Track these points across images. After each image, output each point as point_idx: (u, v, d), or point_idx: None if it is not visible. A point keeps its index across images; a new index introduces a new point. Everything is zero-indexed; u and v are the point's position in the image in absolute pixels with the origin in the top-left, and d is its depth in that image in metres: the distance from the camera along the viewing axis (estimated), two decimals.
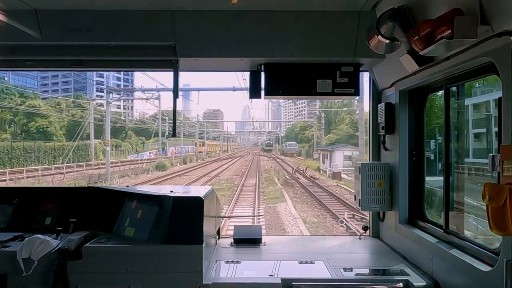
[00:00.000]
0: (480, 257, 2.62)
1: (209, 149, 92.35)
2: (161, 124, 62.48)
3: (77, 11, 3.58)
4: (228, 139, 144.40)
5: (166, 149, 70.09)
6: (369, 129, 4.44)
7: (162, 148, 68.32)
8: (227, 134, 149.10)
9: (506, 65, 2.20)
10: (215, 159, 76.32)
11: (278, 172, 42.76)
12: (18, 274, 2.90)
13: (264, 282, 3.04)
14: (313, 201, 23.54)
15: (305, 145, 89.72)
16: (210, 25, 3.62)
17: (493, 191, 2.14)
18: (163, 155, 64.61)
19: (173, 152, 70.93)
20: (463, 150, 3.94)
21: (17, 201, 3.68)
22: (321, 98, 6.62)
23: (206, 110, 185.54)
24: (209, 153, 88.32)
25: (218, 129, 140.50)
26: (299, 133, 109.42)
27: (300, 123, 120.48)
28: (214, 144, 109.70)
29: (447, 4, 2.46)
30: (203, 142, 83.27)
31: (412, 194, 3.75)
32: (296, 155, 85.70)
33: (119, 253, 3.06)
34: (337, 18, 3.60)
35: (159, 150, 68.63)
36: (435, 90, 3.49)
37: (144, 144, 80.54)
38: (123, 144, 71.51)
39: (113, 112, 77.67)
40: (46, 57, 3.81)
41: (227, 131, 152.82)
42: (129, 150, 69.99)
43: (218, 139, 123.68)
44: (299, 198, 24.88)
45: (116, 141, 68.59)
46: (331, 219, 18.29)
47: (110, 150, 43.19)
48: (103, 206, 3.58)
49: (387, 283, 3.07)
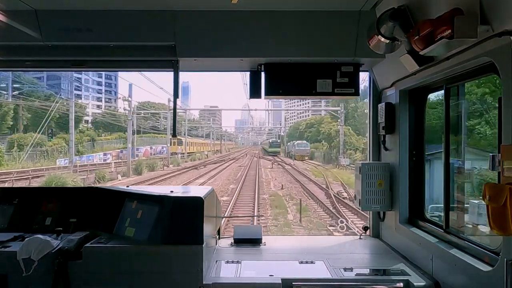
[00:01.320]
0: (481, 257, 2.62)
1: (193, 149, 73.07)
2: (132, 116, 42.57)
3: (77, 11, 3.58)
4: (223, 137, 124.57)
5: (134, 149, 49.38)
6: (369, 129, 4.44)
7: (132, 147, 43.94)
8: (224, 132, 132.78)
9: (506, 65, 2.20)
10: (197, 163, 52.55)
11: (292, 197, 23.35)
12: (18, 274, 2.90)
13: (264, 282, 3.04)
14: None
15: (321, 146, 68.73)
16: (210, 25, 3.62)
17: (493, 191, 2.14)
18: (132, 156, 41.13)
19: (146, 153, 58.72)
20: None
21: (17, 201, 3.68)
22: (321, 98, 6.59)
23: (203, 107, 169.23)
24: (193, 155, 66.76)
25: (215, 127, 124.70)
26: (305, 131, 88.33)
27: (310, 119, 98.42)
28: (201, 143, 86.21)
29: (447, 4, 2.46)
30: (180, 139, 62.31)
31: (412, 194, 3.75)
32: (308, 158, 63.08)
33: (120, 253, 3.06)
34: (337, 18, 3.60)
35: (122, 151, 51.72)
36: (435, 90, 3.49)
37: (96, 143, 59.56)
38: (53, 142, 48.95)
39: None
40: (46, 57, 3.81)
41: (220, 128, 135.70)
42: (63, 151, 45.74)
43: (211, 137, 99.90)
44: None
45: (61, 137, 49.00)
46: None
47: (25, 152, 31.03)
48: (103, 206, 3.59)
49: (387, 283, 3.07)
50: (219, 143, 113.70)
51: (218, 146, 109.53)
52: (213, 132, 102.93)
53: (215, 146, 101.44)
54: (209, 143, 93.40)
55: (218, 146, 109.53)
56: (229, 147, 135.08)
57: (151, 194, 3.50)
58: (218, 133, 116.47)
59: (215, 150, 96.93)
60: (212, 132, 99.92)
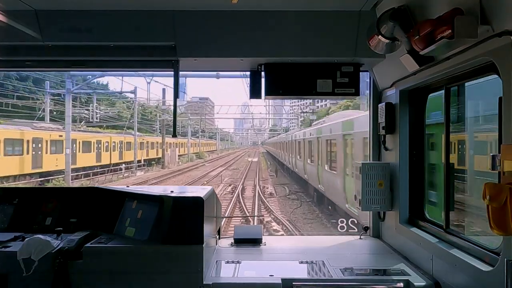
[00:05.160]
0: (481, 257, 2.62)
1: (150, 155, 47.71)
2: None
3: (77, 11, 3.58)
4: (215, 136, 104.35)
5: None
6: (370, 129, 4.44)
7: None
8: (216, 129, 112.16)
9: (506, 65, 2.20)
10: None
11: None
12: (19, 274, 2.90)
13: (265, 282, 3.04)
14: None
15: None
16: (210, 25, 3.62)
17: (493, 191, 2.14)
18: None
19: None
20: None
21: (17, 201, 3.68)
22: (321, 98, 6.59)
23: (190, 99, 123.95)
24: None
25: (210, 125, 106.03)
26: None
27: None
28: (153, 140, 51.69)
29: (447, 4, 2.47)
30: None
31: (413, 194, 3.75)
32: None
33: (120, 253, 3.06)
34: (337, 18, 3.60)
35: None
36: (435, 90, 3.49)
37: None
38: None
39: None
40: (46, 58, 3.81)
41: (214, 125, 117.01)
42: None
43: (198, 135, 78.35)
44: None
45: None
46: None
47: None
48: (103, 206, 3.59)
49: (387, 283, 3.07)
50: (213, 143, 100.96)
51: (211, 147, 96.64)
52: (204, 130, 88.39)
53: (200, 147, 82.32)
54: (179, 142, 62.71)
55: (211, 147, 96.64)
56: (211, 149, 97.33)
57: (151, 194, 3.50)
58: (209, 130, 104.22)
59: (196, 152, 72.56)
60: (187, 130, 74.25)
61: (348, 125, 15.78)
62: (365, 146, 12.49)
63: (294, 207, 21.88)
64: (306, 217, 19.48)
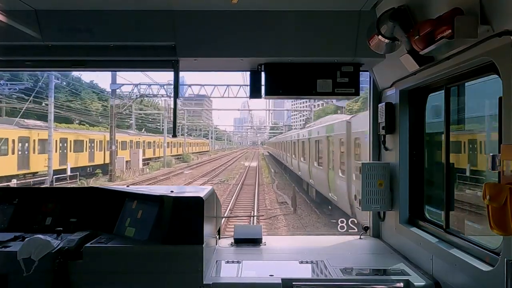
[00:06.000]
0: (481, 257, 2.62)
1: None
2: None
3: (77, 11, 3.58)
4: (208, 135, 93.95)
5: None
6: (370, 129, 4.44)
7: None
8: (213, 128, 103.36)
9: (506, 65, 2.20)
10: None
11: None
12: (19, 274, 2.90)
13: (265, 282, 3.04)
14: None
15: None
16: (210, 25, 3.62)
17: (493, 191, 2.14)
18: None
19: None
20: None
21: (17, 201, 3.68)
22: (321, 98, 6.60)
23: (187, 95, 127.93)
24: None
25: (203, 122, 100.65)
26: None
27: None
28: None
29: (447, 4, 2.46)
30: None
31: (413, 194, 3.75)
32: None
33: (120, 253, 3.06)
34: (337, 18, 3.60)
35: None
36: (435, 90, 3.49)
37: None
38: None
39: None
40: (46, 57, 3.81)
41: (212, 124, 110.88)
42: None
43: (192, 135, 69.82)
44: None
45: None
46: None
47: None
48: (103, 206, 3.59)
49: (387, 283, 3.07)
50: (205, 142, 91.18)
51: (202, 147, 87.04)
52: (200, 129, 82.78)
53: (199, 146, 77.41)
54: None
55: (202, 147, 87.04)
56: (199, 154, 79.10)
57: (151, 194, 3.50)
58: (204, 129, 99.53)
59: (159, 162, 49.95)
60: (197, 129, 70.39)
61: (330, 128, 19.33)
62: (340, 145, 16.81)
63: None
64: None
